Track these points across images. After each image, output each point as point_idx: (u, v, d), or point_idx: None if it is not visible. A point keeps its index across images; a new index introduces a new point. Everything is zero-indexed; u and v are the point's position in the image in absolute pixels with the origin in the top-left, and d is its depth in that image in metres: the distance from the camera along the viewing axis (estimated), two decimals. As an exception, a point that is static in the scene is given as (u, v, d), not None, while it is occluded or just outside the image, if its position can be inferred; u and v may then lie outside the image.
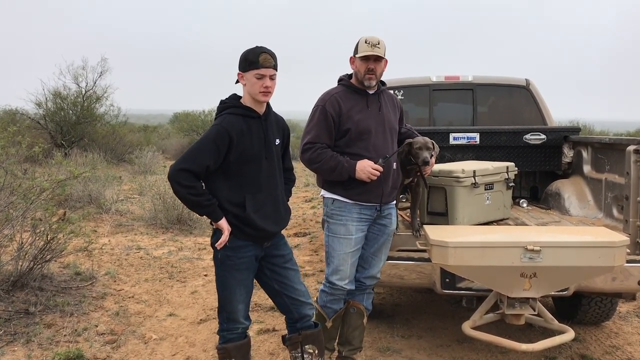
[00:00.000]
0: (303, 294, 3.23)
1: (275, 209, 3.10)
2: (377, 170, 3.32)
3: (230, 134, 2.91)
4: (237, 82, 3.05)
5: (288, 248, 3.27)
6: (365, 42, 3.34)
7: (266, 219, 3.03)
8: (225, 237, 2.95)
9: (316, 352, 3.28)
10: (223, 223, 2.95)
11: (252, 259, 3.07)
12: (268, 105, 3.11)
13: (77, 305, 5.01)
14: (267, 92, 2.97)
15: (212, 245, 3.03)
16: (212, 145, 2.90)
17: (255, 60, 2.91)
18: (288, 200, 3.31)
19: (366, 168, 3.31)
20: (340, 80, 3.56)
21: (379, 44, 3.34)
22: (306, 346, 3.26)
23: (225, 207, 2.97)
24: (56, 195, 5.79)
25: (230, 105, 3.04)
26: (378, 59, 3.36)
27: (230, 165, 2.96)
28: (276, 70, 2.98)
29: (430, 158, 3.59)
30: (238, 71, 2.99)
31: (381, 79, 3.52)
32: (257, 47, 2.97)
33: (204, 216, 3.00)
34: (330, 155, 3.36)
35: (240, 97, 3.07)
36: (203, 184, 2.98)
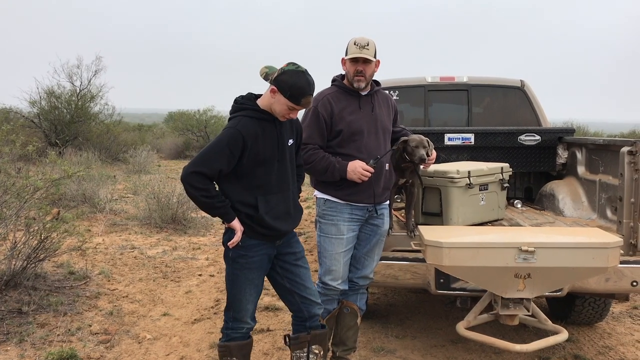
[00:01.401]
0: (313, 293, 3.24)
1: (286, 210, 3.10)
2: (368, 171, 3.32)
3: (245, 139, 2.90)
4: (266, 79, 2.97)
5: (300, 246, 3.26)
6: (354, 44, 3.35)
7: (278, 219, 3.04)
8: (238, 237, 2.96)
9: (321, 353, 3.30)
10: (236, 224, 2.96)
11: (265, 257, 3.08)
12: None
13: (71, 304, 4.99)
14: (290, 118, 3.00)
15: (224, 243, 3.05)
16: (225, 149, 2.89)
17: (299, 99, 2.87)
18: (299, 197, 3.32)
19: (357, 169, 3.31)
20: (333, 80, 3.57)
21: (368, 45, 3.34)
22: (313, 346, 3.26)
23: (238, 208, 2.98)
24: (50, 195, 5.78)
25: (247, 107, 3.01)
26: (367, 60, 3.37)
27: (243, 168, 2.96)
28: None
29: (428, 156, 3.60)
30: (273, 86, 2.90)
31: (376, 79, 3.53)
32: (305, 83, 2.88)
33: (217, 217, 3.01)
34: (322, 156, 3.36)
35: (257, 97, 3.05)
36: (216, 185, 2.98)
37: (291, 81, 2.86)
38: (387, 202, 3.65)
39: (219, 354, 3.20)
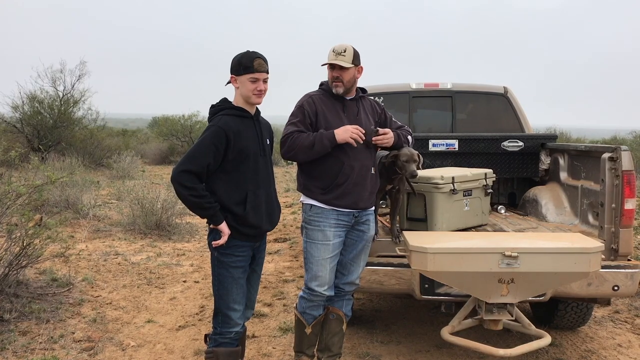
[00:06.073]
0: (252, 299, 3.38)
1: (269, 206, 3.21)
2: (359, 131, 3.34)
3: (227, 134, 3.01)
4: (228, 83, 3.16)
5: (264, 252, 3.39)
6: (332, 51, 3.43)
7: (261, 216, 3.14)
8: (224, 240, 3.03)
9: None
10: (224, 227, 3.03)
11: (248, 259, 3.17)
12: (257, 107, 3.23)
13: (54, 311, 4.94)
14: (260, 94, 3.10)
15: (209, 244, 3.11)
16: (210, 146, 2.99)
17: (250, 65, 3.03)
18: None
19: (347, 129, 3.33)
20: (320, 85, 3.64)
21: (344, 52, 3.40)
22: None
23: (226, 206, 3.03)
24: (33, 201, 5.71)
25: (224, 107, 3.13)
26: (343, 67, 3.40)
27: (230, 164, 3.04)
28: (268, 74, 3.10)
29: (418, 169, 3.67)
30: (231, 75, 3.10)
31: (362, 86, 3.59)
32: (250, 52, 3.09)
33: (206, 218, 3.07)
34: (306, 135, 3.38)
35: (230, 102, 3.18)
36: (204, 185, 3.05)
37: (237, 57, 3.09)
38: (373, 207, 3.67)
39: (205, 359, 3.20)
